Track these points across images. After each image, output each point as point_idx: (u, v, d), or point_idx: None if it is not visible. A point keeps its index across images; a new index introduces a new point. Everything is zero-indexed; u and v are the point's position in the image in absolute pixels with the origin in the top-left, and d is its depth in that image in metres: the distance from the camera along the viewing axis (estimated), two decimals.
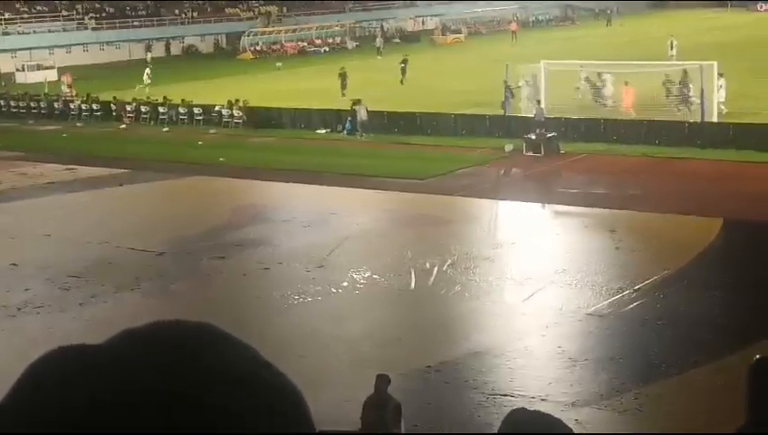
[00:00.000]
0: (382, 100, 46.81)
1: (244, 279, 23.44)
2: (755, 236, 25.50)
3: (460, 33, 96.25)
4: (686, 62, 43.52)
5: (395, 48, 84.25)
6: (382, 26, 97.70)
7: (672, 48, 59.23)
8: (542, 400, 15.74)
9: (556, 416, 2.38)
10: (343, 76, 53.68)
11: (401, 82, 56.63)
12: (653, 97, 41.40)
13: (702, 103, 38.05)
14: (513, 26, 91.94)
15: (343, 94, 50.25)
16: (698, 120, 37.59)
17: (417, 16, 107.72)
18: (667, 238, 25.59)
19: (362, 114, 42.75)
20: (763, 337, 18.08)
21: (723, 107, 39.37)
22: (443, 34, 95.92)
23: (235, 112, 46.63)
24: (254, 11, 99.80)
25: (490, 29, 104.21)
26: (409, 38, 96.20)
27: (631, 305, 20.12)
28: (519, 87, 43.12)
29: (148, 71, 63.22)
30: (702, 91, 38.29)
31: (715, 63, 38.91)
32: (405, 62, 58.57)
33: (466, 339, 18.89)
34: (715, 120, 37.82)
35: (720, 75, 39.69)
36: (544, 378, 16.82)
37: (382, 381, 13.50)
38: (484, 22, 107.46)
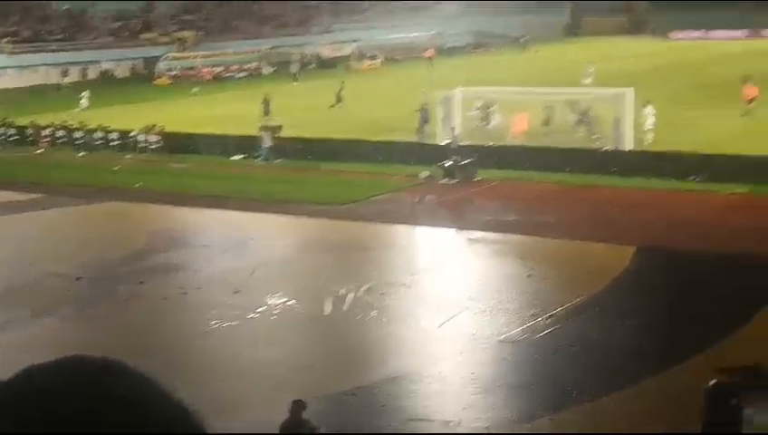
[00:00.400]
0: (300, 125, 46.91)
1: (162, 304, 23.36)
2: (667, 263, 25.95)
3: (376, 60, 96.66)
4: (601, 89, 44.18)
5: (311, 74, 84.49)
6: (302, 53, 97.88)
7: (588, 76, 59.98)
8: (457, 425, 15.93)
9: None
10: (266, 102, 53.42)
11: (333, 106, 56.45)
12: (564, 123, 42.02)
13: (616, 130, 38.67)
14: (429, 53, 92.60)
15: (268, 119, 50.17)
16: (612, 147, 38.20)
17: (333, 42, 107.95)
18: (580, 265, 25.97)
19: (267, 141, 42.93)
20: (674, 363, 18.47)
21: (651, 135, 40.11)
22: (359, 60, 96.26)
23: (152, 138, 46.35)
24: (170, 36, 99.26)
25: (406, 55, 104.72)
26: (326, 64, 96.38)
27: (544, 332, 20.37)
28: (432, 109, 43.56)
29: (87, 93, 62.95)
30: (617, 118, 38.91)
31: (631, 90, 39.50)
32: (342, 88, 58.40)
33: (382, 364, 19.03)
34: (628, 147, 38.40)
35: (647, 102, 40.59)
36: (459, 403, 17.01)
37: (298, 406, 13.60)
38: (400, 48, 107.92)
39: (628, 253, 26.39)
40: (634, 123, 39.08)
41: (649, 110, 40.65)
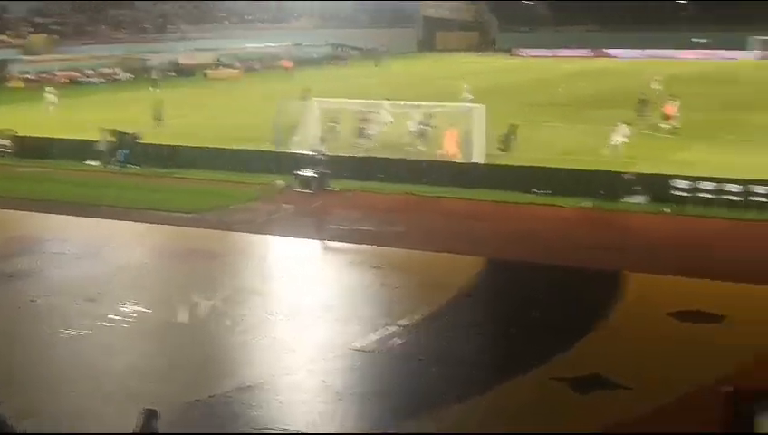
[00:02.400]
0: (159, 133, 46.62)
1: (10, 312, 23.03)
2: (514, 274, 26.64)
3: (234, 69, 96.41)
4: (454, 104, 44.93)
5: (169, 81, 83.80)
6: (160, 60, 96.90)
7: (466, 91, 60.76)
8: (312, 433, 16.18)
9: None
10: (155, 107, 52.51)
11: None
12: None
13: (468, 144, 39.45)
14: (287, 63, 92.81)
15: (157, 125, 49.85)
16: (464, 160, 38.97)
17: (191, 50, 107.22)
18: (431, 276, 26.42)
19: (101, 144, 42.73)
20: (518, 373, 19.04)
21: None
22: (217, 69, 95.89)
23: (2, 141, 45.45)
24: (24, 38, 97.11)
25: (264, 65, 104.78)
26: (184, 72, 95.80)
27: (395, 341, 20.72)
28: (293, 125, 43.78)
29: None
30: (468, 132, 39.70)
31: (483, 106, 40.42)
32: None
33: (235, 373, 19.12)
34: (480, 161, 39.25)
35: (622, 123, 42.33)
36: (311, 412, 17.22)
37: (149, 415, 13.67)
38: (259, 58, 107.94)
39: (476, 264, 27.05)
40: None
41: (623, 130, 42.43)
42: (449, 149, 41.26)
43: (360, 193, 36.73)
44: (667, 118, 49.92)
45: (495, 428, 16.59)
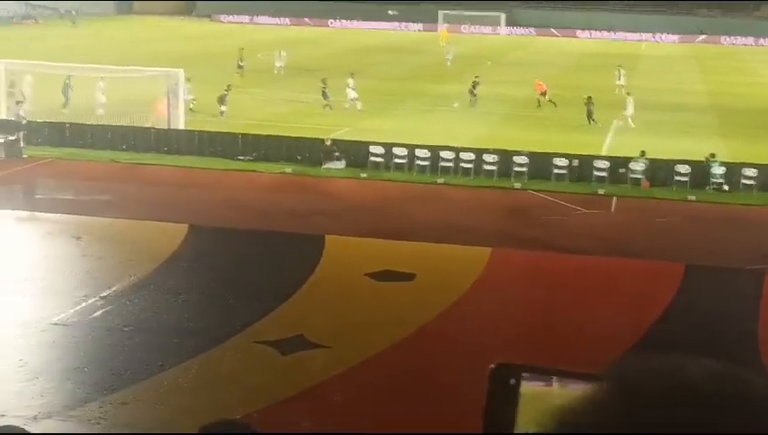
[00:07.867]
0: None
1: None
2: (218, 240, 26.52)
3: None
4: (154, 69, 43.92)
5: None
6: None
7: (280, 58, 59.97)
8: (2, 416, 15.29)
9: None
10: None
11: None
12: (124, 102, 41.54)
13: (168, 111, 38.66)
14: None
15: None
16: (165, 126, 38.19)
17: None
18: (135, 245, 25.82)
19: None
20: (226, 338, 18.84)
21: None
22: None
23: None
24: None
25: None
26: None
27: (98, 313, 20.12)
28: None
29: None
30: (168, 98, 38.93)
31: (181, 71, 39.64)
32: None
33: None
34: (181, 127, 38.50)
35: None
36: (5, 393, 16.39)
37: None
38: None
39: (181, 231, 26.51)
40: None
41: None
42: (161, 113, 40.19)
43: (59, 160, 35.21)
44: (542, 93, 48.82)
45: (201, 395, 16.31)
